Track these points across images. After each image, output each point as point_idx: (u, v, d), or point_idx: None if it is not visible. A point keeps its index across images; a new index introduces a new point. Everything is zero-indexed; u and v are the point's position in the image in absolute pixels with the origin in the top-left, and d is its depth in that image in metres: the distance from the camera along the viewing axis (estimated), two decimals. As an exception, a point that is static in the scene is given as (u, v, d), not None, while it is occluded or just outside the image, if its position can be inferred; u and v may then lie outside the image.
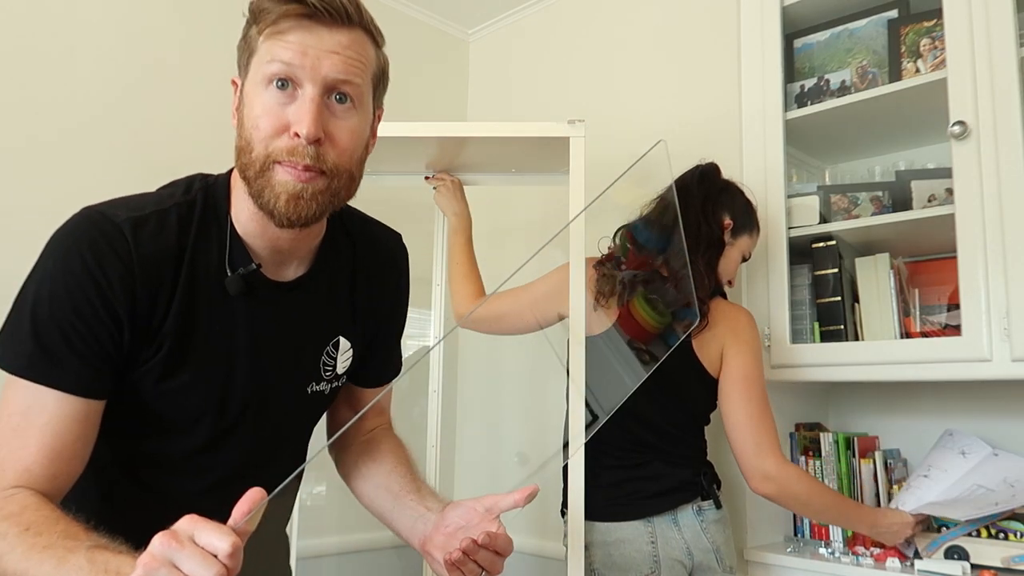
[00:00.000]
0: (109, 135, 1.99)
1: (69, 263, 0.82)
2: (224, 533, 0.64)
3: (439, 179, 1.95)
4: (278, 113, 0.82)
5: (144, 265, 0.84)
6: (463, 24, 2.88)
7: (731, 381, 1.56)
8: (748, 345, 1.58)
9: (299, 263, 0.96)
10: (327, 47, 0.81)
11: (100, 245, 0.83)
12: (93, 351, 0.83)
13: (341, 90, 0.83)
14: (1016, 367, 1.46)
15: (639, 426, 1.57)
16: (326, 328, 1.00)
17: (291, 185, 0.82)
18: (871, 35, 1.85)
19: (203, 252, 0.89)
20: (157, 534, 0.64)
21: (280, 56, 0.81)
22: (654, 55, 2.35)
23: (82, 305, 0.82)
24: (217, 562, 0.63)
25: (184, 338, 0.88)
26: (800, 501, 1.55)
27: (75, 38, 1.96)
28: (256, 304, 0.92)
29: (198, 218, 0.89)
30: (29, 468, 0.80)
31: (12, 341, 0.83)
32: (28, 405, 0.82)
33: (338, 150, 0.84)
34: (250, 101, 0.84)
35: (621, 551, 1.51)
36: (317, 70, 0.81)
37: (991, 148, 1.52)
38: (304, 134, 0.80)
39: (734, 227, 1.65)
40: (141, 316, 0.85)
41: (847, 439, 1.82)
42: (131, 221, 0.85)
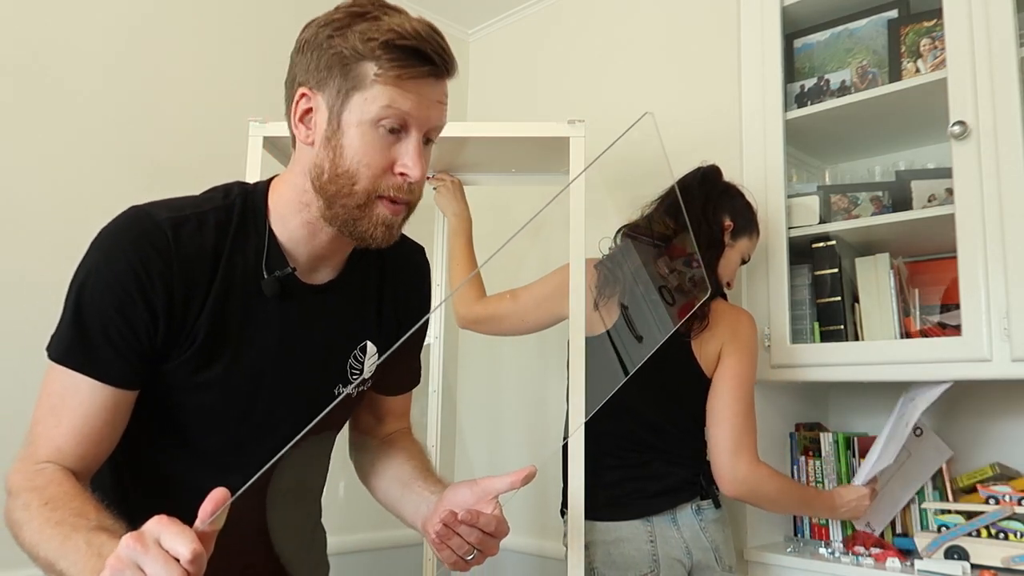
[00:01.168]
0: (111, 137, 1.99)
1: (113, 258, 0.88)
2: (187, 538, 0.65)
3: (439, 179, 1.95)
4: (386, 153, 0.88)
5: (182, 263, 0.89)
6: (463, 24, 2.88)
7: (722, 380, 1.57)
8: (746, 347, 1.58)
9: (331, 268, 1.01)
10: (436, 98, 0.90)
11: (143, 243, 0.88)
12: (129, 344, 0.88)
13: (432, 135, 0.92)
14: (1016, 367, 1.46)
15: (639, 426, 1.58)
16: (354, 332, 1.04)
17: (390, 219, 0.91)
18: (871, 35, 1.85)
19: (240, 254, 0.93)
20: (126, 535, 0.66)
21: (401, 106, 0.87)
22: (654, 55, 2.35)
23: (123, 299, 0.87)
24: (179, 567, 0.64)
25: (217, 335, 0.92)
26: (770, 500, 1.58)
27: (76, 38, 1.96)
28: (289, 305, 0.96)
29: (236, 222, 0.94)
30: (60, 447, 0.86)
31: (60, 332, 0.89)
32: (65, 389, 0.88)
33: (420, 183, 0.92)
34: (354, 134, 0.88)
35: (620, 550, 1.51)
36: (427, 120, 0.89)
37: (991, 148, 1.52)
38: (415, 178, 0.89)
39: (734, 229, 1.66)
40: (176, 312, 0.89)
41: (847, 439, 1.83)
42: (171, 221, 0.90)
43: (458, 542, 0.92)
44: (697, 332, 1.56)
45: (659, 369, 1.58)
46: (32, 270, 1.82)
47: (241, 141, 1.66)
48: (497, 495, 0.94)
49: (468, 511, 0.90)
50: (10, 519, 0.83)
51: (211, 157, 2.11)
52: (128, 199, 0.96)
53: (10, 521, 0.83)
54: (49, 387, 0.89)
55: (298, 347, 0.98)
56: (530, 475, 0.91)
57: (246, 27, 2.27)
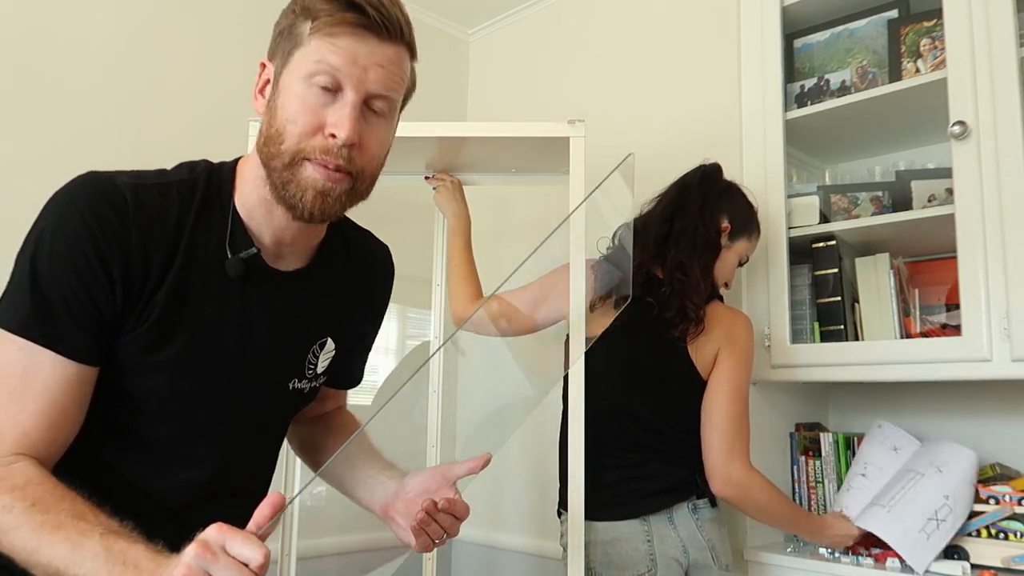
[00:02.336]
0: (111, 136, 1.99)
1: (69, 221, 0.82)
2: (255, 543, 0.66)
3: (439, 179, 1.95)
4: (317, 112, 0.83)
5: (141, 228, 0.84)
6: (463, 24, 2.88)
7: (718, 383, 1.57)
8: (742, 351, 1.58)
9: (297, 257, 0.97)
10: (376, 59, 0.84)
11: (100, 204, 0.83)
12: (90, 314, 0.82)
13: (377, 103, 0.86)
14: (1016, 367, 1.46)
15: (636, 426, 1.58)
16: (315, 327, 1.01)
17: (319, 183, 0.84)
18: (871, 35, 1.85)
19: (203, 230, 0.89)
20: (191, 544, 0.66)
21: (329, 60, 0.82)
22: (654, 55, 2.34)
23: (81, 265, 0.82)
24: (250, 572, 0.65)
25: (174, 313, 0.87)
26: (758, 508, 1.57)
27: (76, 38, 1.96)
28: (253, 288, 0.92)
29: (200, 197, 0.90)
30: (28, 433, 0.80)
31: (11, 299, 0.83)
32: (24, 367, 0.81)
33: (367, 156, 0.87)
34: (287, 93, 0.85)
35: (618, 550, 1.51)
36: (363, 80, 0.83)
37: (991, 148, 1.51)
38: (342, 138, 0.83)
39: (732, 230, 1.65)
40: (134, 282, 0.84)
41: (847, 439, 1.82)
42: (132, 186, 0.86)
43: (435, 528, 0.94)
44: (693, 336, 1.56)
45: (656, 371, 1.58)
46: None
47: (241, 141, 1.65)
48: (457, 480, 0.96)
49: (446, 500, 0.93)
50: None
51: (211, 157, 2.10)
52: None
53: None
54: (3, 367, 0.81)
55: (257, 334, 0.93)
56: (486, 461, 0.94)
57: (246, 27, 2.27)
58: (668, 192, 1.69)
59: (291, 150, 0.84)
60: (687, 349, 1.57)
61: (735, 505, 1.58)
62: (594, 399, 1.55)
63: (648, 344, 1.58)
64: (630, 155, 1.19)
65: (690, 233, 1.61)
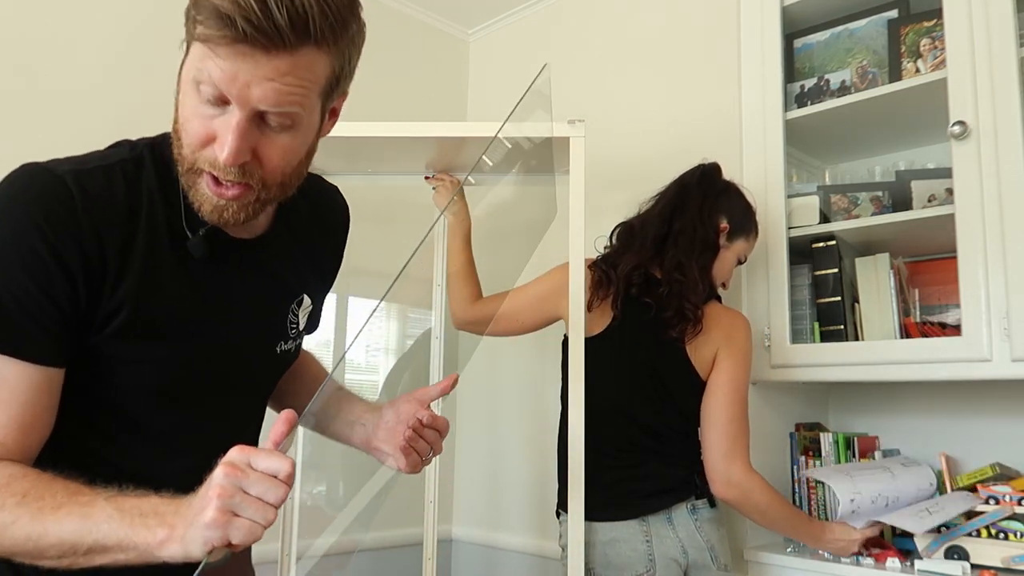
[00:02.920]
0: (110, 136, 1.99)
1: (12, 221, 0.77)
2: (279, 456, 0.69)
3: (439, 179, 1.95)
4: (206, 123, 0.76)
5: (91, 216, 0.79)
6: (463, 24, 2.88)
7: (717, 383, 1.57)
8: (740, 351, 1.58)
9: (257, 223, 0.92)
10: (262, 74, 0.72)
11: (45, 199, 0.77)
12: (50, 316, 0.78)
13: (271, 119, 0.76)
14: (1016, 367, 1.46)
15: (634, 427, 1.58)
16: (291, 286, 0.99)
17: (213, 200, 0.79)
18: (871, 35, 1.85)
19: (158, 209, 0.84)
20: (218, 465, 0.69)
21: (211, 75, 0.73)
22: (654, 55, 2.34)
23: (34, 266, 0.77)
24: (280, 483, 0.68)
25: (146, 301, 0.83)
26: (759, 510, 1.56)
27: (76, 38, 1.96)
28: (221, 264, 0.89)
29: (147, 176, 0.84)
30: (2, 442, 0.78)
31: None
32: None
33: (267, 168, 0.79)
34: (183, 92, 0.79)
35: (617, 550, 1.51)
36: (246, 97, 0.73)
37: (991, 148, 1.51)
38: (224, 159, 0.75)
39: (730, 230, 1.65)
40: (95, 273, 0.80)
41: (847, 439, 1.82)
42: (73, 173, 0.80)
43: (423, 445, 0.99)
44: (691, 336, 1.56)
45: (654, 371, 1.58)
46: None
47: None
48: (432, 401, 1.01)
49: (430, 414, 0.98)
50: None
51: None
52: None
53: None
54: None
55: (236, 306, 0.91)
56: (454, 380, 1.00)
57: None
58: (667, 191, 1.68)
59: (188, 158, 0.79)
60: (685, 350, 1.57)
61: (735, 507, 1.57)
62: (592, 400, 1.55)
63: (646, 345, 1.58)
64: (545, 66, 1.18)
65: (688, 233, 1.61)
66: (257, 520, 0.68)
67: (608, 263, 1.63)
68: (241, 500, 0.67)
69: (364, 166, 1.91)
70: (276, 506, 0.68)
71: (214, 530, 0.67)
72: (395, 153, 1.84)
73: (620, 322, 1.59)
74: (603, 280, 1.61)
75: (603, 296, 1.60)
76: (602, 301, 1.60)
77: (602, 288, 1.61)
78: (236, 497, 0.67)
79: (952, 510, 1.56)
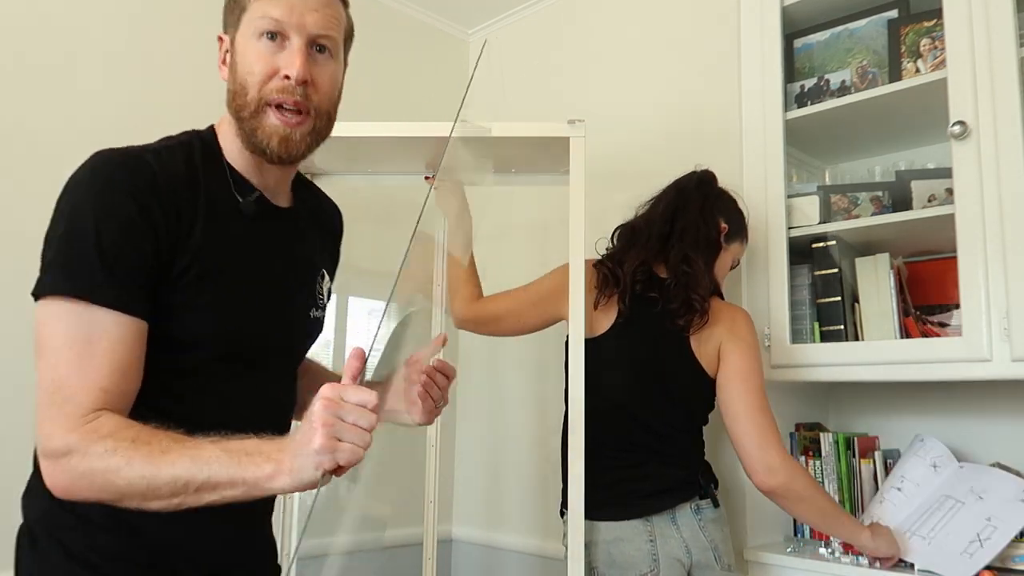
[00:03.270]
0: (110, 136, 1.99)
1: (103, 186, 0.90)
2: (365, 390, 0.80)
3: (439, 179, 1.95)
4: (270, 60, 0.96)
5: (167, 183, 0.93)
6: (463, 24, 2.88)
7: (729, 377, 1.56)
8: (745, 342, 1.58)
9: (283, 197, 1.09)
10: (310, 6, 0.97)
11: (125, 168, 0.92)
12: (140, 268, 0.90)
13: (321, 42, 0.98)
14: (1016, 367, 1.46)
15: (637, 427, 1.58)
16: (315, 258, 1.14)
17: (281, 129, 0.97)
18: (871, 35, 1.85)
19: (212, 183, 0.99)
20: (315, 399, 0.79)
21: (271, 13, 0.96)
22: (654, 55, 2.34)
23: (128, 226, 0.89)
24: (370, 412, 0.80)
25: (209, 258, 0.96)
26: (802, 498, 1.51)
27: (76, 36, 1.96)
28: (266, 226, 1.04)
29: (200, 156, 1.00)
30: (105, 388, 0.86)
31: (62, 269, 0.88)
32: (90, 329, 0.87)
33: (321, 92, 0.99)
34: (243, 51, 0.98)
35: (620, 549, 1.51)
36: (303, 25, 0.96)
37: (991, 148, 1.52)
38: (294, 76, 0.95)
39: (728, 232, 1.67)
40: (171, 230, 0.92)
41: (847, 439, 1.82)
42: (152, 151, 0.95)
43: (436, 391, 1.10)
44: (697, 328, 1.56)
45: (658, 370, 1.58)
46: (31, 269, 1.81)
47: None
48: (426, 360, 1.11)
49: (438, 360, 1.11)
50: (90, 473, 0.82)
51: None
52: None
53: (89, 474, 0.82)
54: (63, 332, 0.87)
55: (281, 265, 1.05)
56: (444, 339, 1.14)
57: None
58: (665, 194, 1.70)
59: (255, 98, 0.97)
60: (691, 346, 1.57)
61: (778, 498, 1.52)
62: (594, 400, 1.55)
63: (650, 343, 1.58)
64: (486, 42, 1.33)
65: (692, 231, 1.62)
66: (357, 443, 0.78)
67: (614, 261, 1.64)
68: (342, 427, 0.78)
69: (364, 166, 1.91)
70: (369, 431, 0.79)
71: (324, 454, 0.77)
72: (395, 153, 1.84)
73: (626, 318, 1.59)
74: (609, 278, 1.62)
75: (609, 294, 1.61)
76: (608, 299, 1.61)
77: (608, 286, 1.61)
78: (337, 425, 0.78)
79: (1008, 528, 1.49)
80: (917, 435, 1.75)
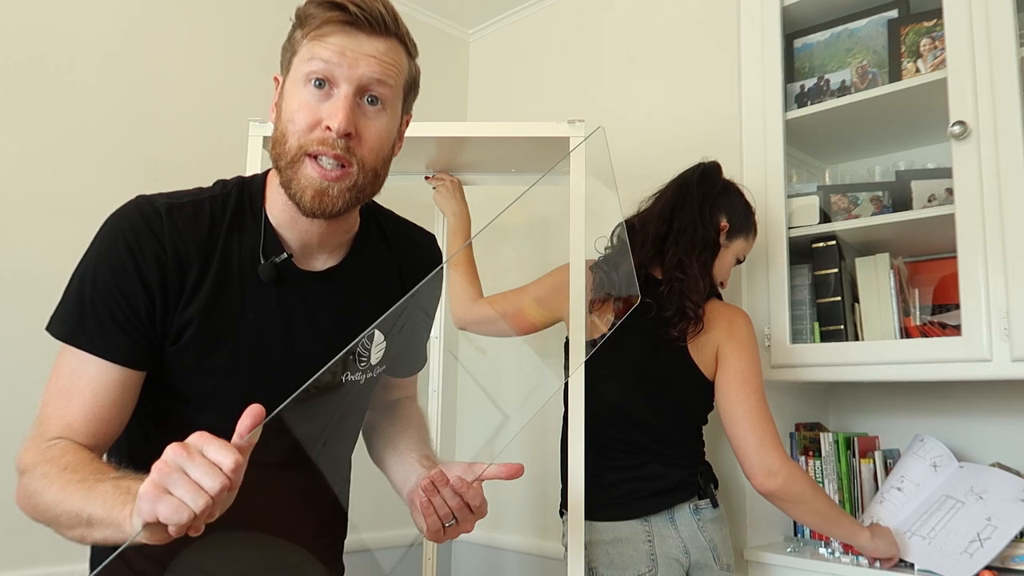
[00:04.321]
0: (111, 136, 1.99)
1: (114, 241, 0.91)
2: (230, 450, 0.70)
3: (439, 179, 1.95)
4: (313, 109, 0.89)
5: (176, 243, 0.92)
6: (463, 24, 2.88)
7: (728, 379, 1.55)
8: (743, 343, 1.57)
9: (329, 255, 1.01)
10: (364, 51, 0.89)
11: (139, 224, 0.91)
12: (130, 321, 0.90)
13: (373, 92, 0.90)
14: (1016, 367, 1.46)
15: (636, 429, 1.57)
16: (359, 320, 1.02)
17: (317, 182, 0.89)
18: (871, 35, 1.85)
19: (236, 241, 0.95)
20: (171, 445, 0.70)
21: (320, 55, 0.88)
22: (654, 55, 2.35)
23: (120, 274, 0.90)
24: (221, 474, 0.69)
25: (216, 320, 0.93)
26: (801, 500, 1.51)
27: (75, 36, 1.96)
28: (287, 291, 0.98)
29: (232, 209, 0.97)
30: (71, 424, 0.88)
31: (63, 312, 0.92)
32: (73, 369, 0.90)
33: (366, 147, 0.91)
34: (288, 96, 0.92)
35: (619, 550, 1.51)
36: (353, 70, 0.88)
37: (991, 148, 1.51)
38: (336, 128, 0.87)
39: (730, 229, 1.65)
40: (171, 291, 0.92)
41: (847, 439, 1.82)
42: (167, 205, 0.94)
43: (440, 502, 0.93)
44: (693, 335, 1.56)
45: (656, 372, 1.58)
46: (30, 269, 1.82)
47: (241, 140, 1.66)
48: (484, 479, 0.94)
49: (459, 479, 0.93)
50: (26, 492, 0.84)
51: (211, 156, 2.12)
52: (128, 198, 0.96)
53: (25, 494, 0.84)
54: (59, 369, 0.91)
55: (299, 334, 0.99)
56: (518, 472, 0.93)
57: (246, 26, 2.27)
58: (666, 190, 1.68)
59: (293, 147, 0.89)
60: (687, 349, 1.57)
61: (778, 499, 1.52)
62: (594, 400, 1.55)
63: (648, 345, 1.58)
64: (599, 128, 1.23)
65: (689, 232, 1.60)
66: (186, 501, 0.67)
67: (609, 264, 1.63)
68: (178, 478, 0.68)
69: (364, 166, 1.91)
70: (211, 496, 0.68)
71: (145, 502, 0.69)
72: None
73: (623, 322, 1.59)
74: (604, 281, 1.61)
75: (604, 296, 1.60)
76: (603, 303, 1.60)
77: (603, 289, 1.61)
78: (174, 475, 0.68)
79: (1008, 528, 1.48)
80: (917, 435, 1.75)
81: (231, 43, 2.24)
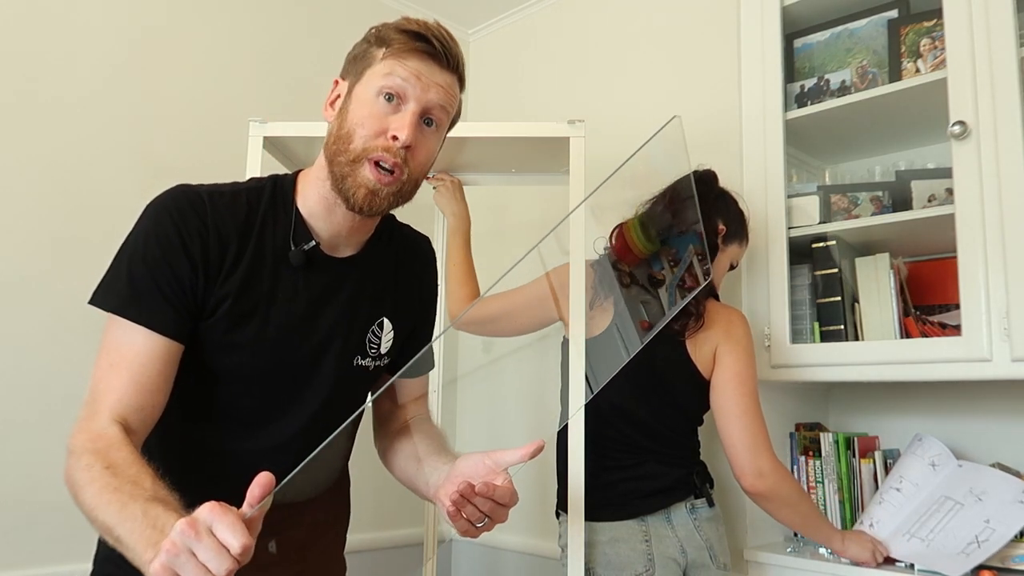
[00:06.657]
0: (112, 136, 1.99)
1: (161, 220, 0.99)
2: (239, 530, 0.71)
3: (439, 179, 1.95)
4: (382, 119, 0.99)
5: (217, 223, 1.00)
6: (463, 24, 2.88)
7: (723, 380, 1.56)
8: (740, 345, 1.58)
9: (351, 247, 1.11)
10: (436, 80, 1.01)
11: (183, 205, 1.00)
12: (177, 295, 0.97)
13: (432, 115, 1.02)
14: (1016, 367, 1.46)
15: (632, 428, 1.58)
16: (372, 306, 1.13)
17: (372, 183, 0.99)
18: (871, 35, 1.85)
19: (269, 229, 1.04)
20: (179, 520, 0.71)
21: (399, 73, 0.99)
22: (654, 55, 2.35)
23: (167, 249, 0.97)
24: (229, 557, 0.70)
25: (248, 298, 1.01)
26: (789, 503, 1.54)
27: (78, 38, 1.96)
28: (314, 275, 1.07)
29: (266, 201, 1.06)
30: (120, 397, 0.93)
31: (112, 285, 0.98)
32: (121, 343, 0.96)
33: (417, 160, 1.02)
34: (359, 102, 1.01)
35: (616, 550, 1.51)
36: (424, 93, 1.00)
37: (991, 148, 1.51)
38: (402, 139, 0.98)
39: (726, 233, 1.67)
40: (212, 267, 1.00)
41: (847, 439, 1.82)
42: (208, 191, 1.03)
43: (472, 510, 0.96)
44: (692, 331, 1.56)
45: (653, 371, 1.58)
46: (32, 269, 1.82)
47: (241, 141, 1.66)
48: (507, 467, 0.97)
49: (484, 484, 0.94)
50: (71, 478, 0.87)
51: (211, 157, 2.12)
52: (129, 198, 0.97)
53: (71, 480, 0.87)
54: (107, 345, 0.96)
55: (321, 315, 1.07)
56: (539, 448, 0.94)
57: (246, 28, 2.27)
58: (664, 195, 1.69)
59: (357, 149, 0.99)
60: (686, 348, 1.57)
61: (764, 501, 1.54)
62: (591, 400, 1.55)
63: (646, 345, 1.58)
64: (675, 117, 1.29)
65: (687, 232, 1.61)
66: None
67: (610, 262, 1.64)
68: (186, 561, 0.70)
69: (364, 166, 1.91)
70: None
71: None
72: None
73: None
74: (604, 279, 1.62)
75: (604, 296, 1.60)
76: (604, 301, 1.60)
77: (603, 288, 1.61)
78: (182, 557, 0.70)
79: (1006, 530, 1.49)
80: (916, 435, 1.75)
81: (231, 45, 2.24)
